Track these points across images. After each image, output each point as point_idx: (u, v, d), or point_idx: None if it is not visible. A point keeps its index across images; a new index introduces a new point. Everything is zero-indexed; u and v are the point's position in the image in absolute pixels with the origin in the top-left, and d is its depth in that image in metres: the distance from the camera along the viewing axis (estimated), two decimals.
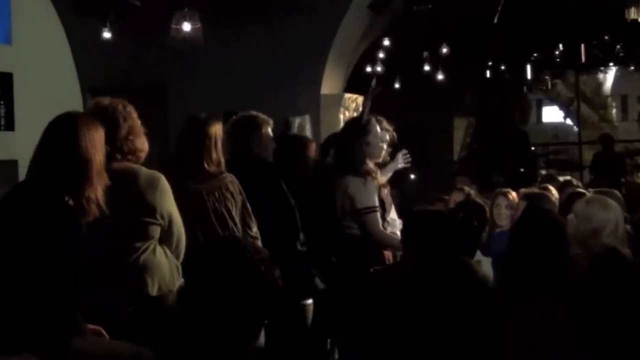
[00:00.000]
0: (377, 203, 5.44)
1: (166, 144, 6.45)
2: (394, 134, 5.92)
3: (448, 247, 3.43)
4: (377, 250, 5.37)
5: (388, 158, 6.00)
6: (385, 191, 5.66)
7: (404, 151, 6.16)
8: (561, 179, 9.19)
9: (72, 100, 9.67)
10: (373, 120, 5.63)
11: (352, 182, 5.43)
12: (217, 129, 4.51)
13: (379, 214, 5.43)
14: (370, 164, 5.56)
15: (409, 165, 6.24)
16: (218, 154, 4.49)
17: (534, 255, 3.35)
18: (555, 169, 18.33)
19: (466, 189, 7.72)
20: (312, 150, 5.59)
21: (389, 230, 5.53)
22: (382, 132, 5.75)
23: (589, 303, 2.95)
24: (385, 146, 5.73)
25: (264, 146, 5.11)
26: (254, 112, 5.21)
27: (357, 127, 5.55)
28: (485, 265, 5.49)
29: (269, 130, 5.17)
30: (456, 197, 7.31)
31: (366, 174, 5.44)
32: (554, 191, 6.63)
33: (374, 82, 5.85)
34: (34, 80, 9.40)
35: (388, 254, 5.47)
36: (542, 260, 3.33)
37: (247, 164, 4.95)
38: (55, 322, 2.96)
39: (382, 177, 5.79)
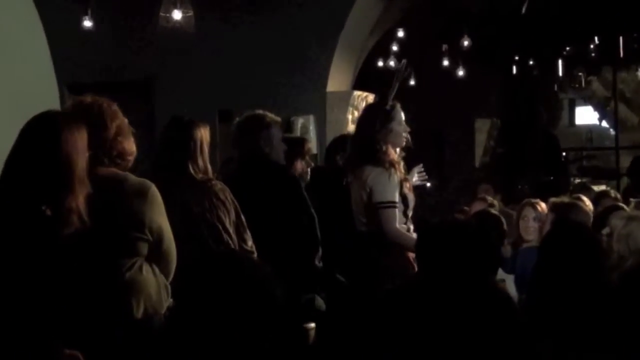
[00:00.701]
0: (397, 198, 5.39)
1: (153, 147, 6.47)
2: (408, 136, 5.93)
3: (467, 265, 3.44)
4: (399, 255, 5.30)
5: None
6: (408, 185, 5.61)
7: (420, 167, 6.14)
8: (596, 188, 9.21)
9: (48, 96, 9.69)
10: (398, 105, 5.60)
11: (372, 173, 5.39)
12: (202, 132, 4.54)
13: (397, 211, 5.37)
14: (394, 154, 5.53)
15: (425, 182, 6.24)
16: (204, 159, 4.52)
17: (562, 277, 3.36)
18: (590, 177, 18.32)
19: (489, 198, 7.74)
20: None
21: (411, 229, 5.50)
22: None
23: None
24: (407, 136, 5.69)
25: (275, 148, 5.19)
26: (261, 111, 5.28)
27: (380, 113, 5.52)
28: (509, 284, 5.51)
29: (279, 130, 5.27)
30: (477, 208, 7.32)
31: (390, 165, 5.42)
32: (587, 202, 6.64)
33: (403, 62, 5.84)
34: (6, 74, 9.42)
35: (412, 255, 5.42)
36: (572, 282, 3.33)
37: (260, 168, 5.04)
38: (24, 347, 2.97)
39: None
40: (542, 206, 6.25)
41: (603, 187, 13.80)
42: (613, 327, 3.06)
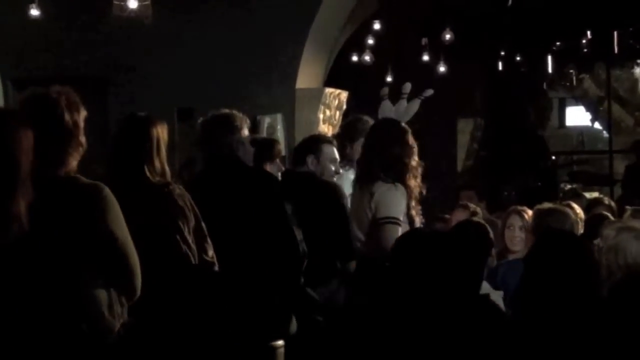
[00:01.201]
0: (401, 216, 5.59)
1: (106, 149, 6.45)
2: None
3: (444, 279, 3.45)
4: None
5: None
6: (415, 208, 5.81)
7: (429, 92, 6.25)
8: (588, 195, 9.26)
9: None
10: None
11: (382, 188, 5.63)
12: (159, 131, 4.51)
13: (400, 229, 5.50)
14: (414, 173, 5.81)
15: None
16: (162, 161, 4.49)
17: (549, 292, 3.37)
18: (581, 184, 18.43)
19: (471, 206, 7.76)
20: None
21: None
22: None
23: None
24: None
25: (247, 151, 5.21)
26: (228, 110, 5.29)
27: (400, 129, 5.84)
28: (494, 298, 5.53)
29: (247, 131, 5.28)
30: (459, 216, 7.35)
31: (402, 183, 5.64)
32: (577, 210, 6.68)
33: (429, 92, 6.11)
34: None
35: None
36: (559, 298, 3.34)
37: (233, 172, 5.05)
38: None
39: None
40: (529, 214, 6.27)
41: (595, 194, 13.90)
42: (602, 343, 3.09)
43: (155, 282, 4.09)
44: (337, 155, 6.24)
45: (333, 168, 6.18)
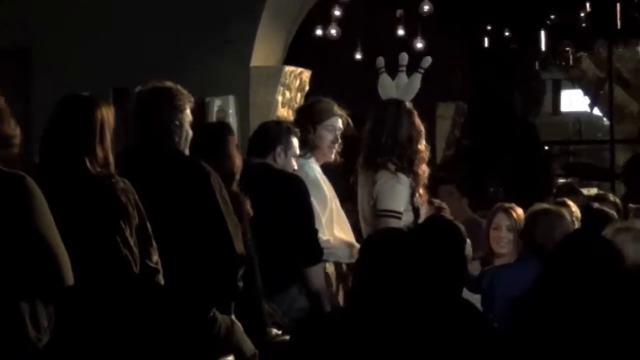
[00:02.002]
0: (402, 209, 6.10)
1: (30, 136, 6.42)
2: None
3: (414, 283, 3.48)
4: None
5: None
6: (422, 195, 6.36)
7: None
8: (585, 191, 9.31)
9: None
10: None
11: (383, 178, 6.14)
12: (105, 114, 4.48)
13: (400, 223, 6.01)
14: (422, 157, 6.36)
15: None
16: (106, 149, 4.45)
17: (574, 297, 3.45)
18: (578, 178, 18.54)
19: (436, 201, 7.70)
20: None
21: None
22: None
23: None
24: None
25: (182, 136, 5.15)
26: (172, 84, 5.25)
27: (405, 111, 6.41)
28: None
29: (190, 113, 5.22)
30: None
31: (404, 171, 6.18)
32: (573, 208, 6.72)
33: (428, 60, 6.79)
34: None
35: None
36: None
37: (166, 162, 5.02)
38: None
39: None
40: (519, 212, 6.31)
41: (594, 190, 13.96)
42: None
43: (88, 291, 4.08)
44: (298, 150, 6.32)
45: (295, 165, 6.25)
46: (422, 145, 6.38)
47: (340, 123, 6.44)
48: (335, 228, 6.39)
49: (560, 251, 3.98)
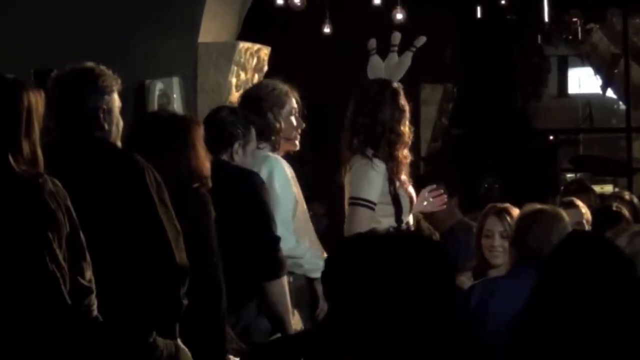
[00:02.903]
0: (374, 198, 6.51)
1: None
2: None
3: (392, 296, 3.49)
4: None
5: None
6: (404, 184, 6.76)
7: (432, 187, 7.26)
8: (598, 188, 9.35)
9: None
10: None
11: (355, 163, 6.62)
12: (34, 100, 4.46)
13: (372, 213, 6.46)
14: (403, 142, 6.80)
15: (442, 208, 7.32)
16: (33, 143, 4.43)
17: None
18: (589, 173, 18.63)
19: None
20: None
21: None
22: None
23: None
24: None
25: (113, 122, 5.16)
26: (94, 64, 5.23)
27: (390, 92, 6.82)
28: None
29: (118, 96, 5.22)
30: None
31: (381, 157, 6.59)
32: (583, 209, 6.73)
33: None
34: None
35: None
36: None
37: (92, 156, 5.03)
38: None
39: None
40: (514, 215, 6.28)
41: (609, 188, 14.02)
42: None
43: (6, 315, 4.06)
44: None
45: (252, 162, 6.35)
46: (406, 127, 6.79)
47: (292, 104, 6.74)
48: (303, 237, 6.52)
49: (555, 258, 3.98)
